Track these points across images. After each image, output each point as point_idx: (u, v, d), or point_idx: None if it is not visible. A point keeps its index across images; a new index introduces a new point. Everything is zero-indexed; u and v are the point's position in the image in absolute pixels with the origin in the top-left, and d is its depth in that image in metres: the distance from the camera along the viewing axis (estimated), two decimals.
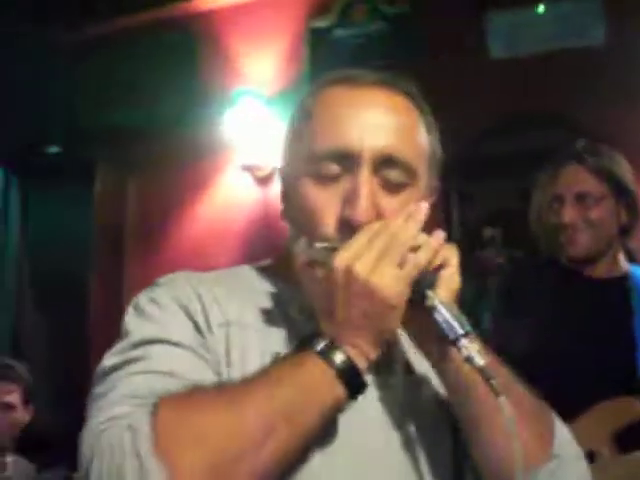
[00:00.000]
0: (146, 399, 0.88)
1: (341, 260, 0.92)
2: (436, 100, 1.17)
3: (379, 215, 1.00)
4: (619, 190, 2.10)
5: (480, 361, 0.89)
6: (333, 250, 0.95)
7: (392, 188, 1.03)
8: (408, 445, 1.04)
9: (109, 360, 0.98)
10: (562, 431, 1.06)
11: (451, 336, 0.91)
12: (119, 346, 1.00)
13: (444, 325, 0.91)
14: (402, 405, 1.06)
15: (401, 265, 0.92)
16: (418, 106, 1.11)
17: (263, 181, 3.56)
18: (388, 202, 1.02)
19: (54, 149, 3.76)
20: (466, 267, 1.01)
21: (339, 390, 0.91)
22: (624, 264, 2.15)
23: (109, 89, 3.77)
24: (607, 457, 1.88)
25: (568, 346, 2.04)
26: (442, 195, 1.22)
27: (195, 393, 0.90)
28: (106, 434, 0.85)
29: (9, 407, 3.00)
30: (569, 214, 2.05)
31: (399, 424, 1.04)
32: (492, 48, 3.24)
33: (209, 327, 1.02)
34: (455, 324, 0.91)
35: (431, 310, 0.93)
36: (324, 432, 0.95)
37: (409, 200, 1.02)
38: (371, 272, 0.90)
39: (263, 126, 3.49)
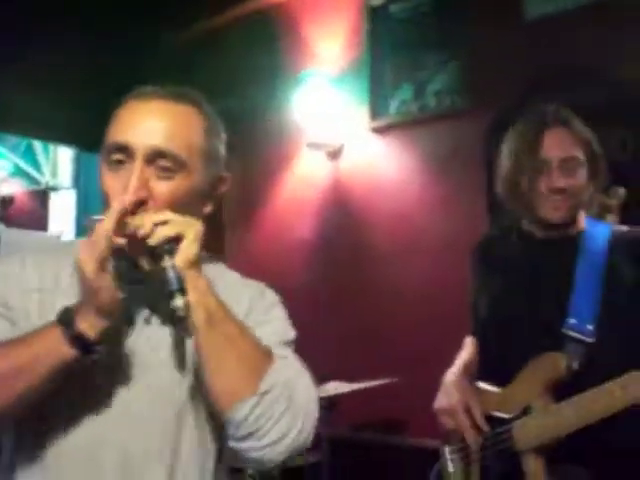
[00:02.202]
0: None
1: (79, 247, 1.20)
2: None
3: (151, 196, 1.27)
4: (592, 156, 2.10)
5: (181, 312, 1.18)
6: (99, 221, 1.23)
7: (164, 175, 1.28)
8: (174, 383, 1.33)
9: None
10: (277, 375, 1.26)
11: (170, 288, 1.18)
12: None
13: (167, 281, 1.19)
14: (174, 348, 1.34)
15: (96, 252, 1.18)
16: (202, 113, 1.38)
17: (332, 156, 3.82)
18: (159, 185, 1.28)
19: None
20: None
21: (66, 352, 1.18)
22: (581, 223, 2.16)
23: (213, 79, 4.11)
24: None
25: (514, 310, 2.14)
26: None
27: None
28: None
29: None
30: (561, 180, 2.02)
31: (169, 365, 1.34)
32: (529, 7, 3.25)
33: (20, 293, 1.33)
34: (174, 281, 1.18)
35: (163, 269, 1.21)
36: (80, 383, 1.25)
37: (180, 185, 1.30)
38: (81, 260, 1.18)
39: (329, 104, 3.74)
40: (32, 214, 6.41)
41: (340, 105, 3.75)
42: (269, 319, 1.43)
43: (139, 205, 1.25)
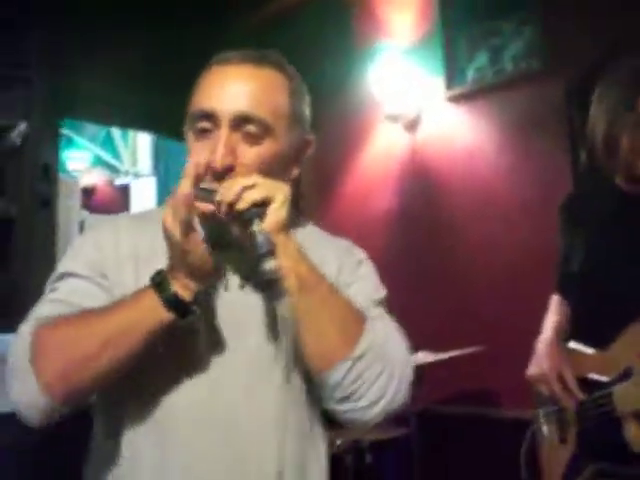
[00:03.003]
0: (42, 320, 1.25)
1: (164, 212, 1.20)
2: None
3: (237, 161, 1.27)
4: None
5: (271, 275, 1.19)
6: (209, 192, 1.24)
7: (250, 140, 1.28)
8: (268, 345, 1.33)
9: (47, 283, 1.37)
10: (371, 337, 1.26)
11: (258, 252, 1.17)
12: (53, 275, 1.36)
13: (257, 245, 1.18)
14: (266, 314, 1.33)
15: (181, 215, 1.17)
16: (286, 75, 1.36)
17: (409, 128, 3.80)
18: (246, 151, 1.28)
19: None
20: None
21: (163, 315, 1.19)
22: None
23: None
24: None
25: (613, 268, 2.09)
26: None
27: (68, 316, 1.25)
28: (15, 343, 1.25)
29: None
30: None
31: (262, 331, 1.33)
32: None
33: (114, 261, 1.34)
34: (263, 244, 1.17)
35: (252, 234, 1.20)
36: (178, 346, 1.26)
37: (267, 150, 1.29)
38: (168, 224, 1.18)
39: (404, 76, 3.72)
40: (114, 203, 6.55)
41: (415, 76, 3.72)
42: (359, 278, 1.42)
43: (227, 172, 1.26)
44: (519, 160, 3.37)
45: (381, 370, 1.25)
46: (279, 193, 1.23)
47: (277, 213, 1.22)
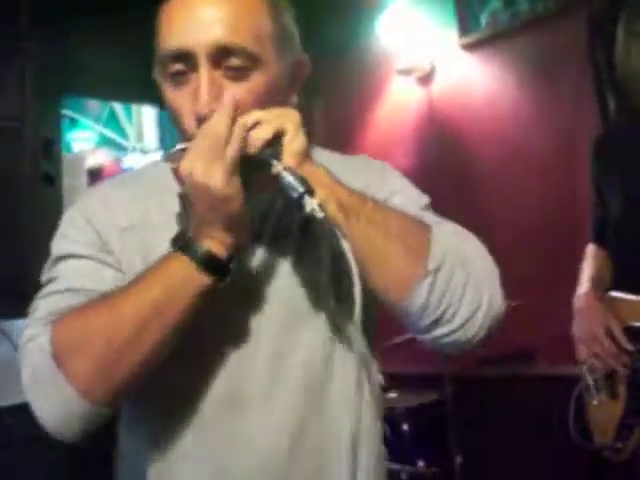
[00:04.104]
0: (50, 318, 1.07)
1: (182, 165, 1.02)
2: None
3: None
4: None
5: (319, 214, 0.99)
6: (185, 150, 1.05)
7: (235, 76, 1.08)
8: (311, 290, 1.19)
9: (42, 275, 1.18)
10: (442, 243, 1.07)
11: (294, 195, 1.00)
12: (46, 265, 1.19)
13: (288, 188, 1.01)
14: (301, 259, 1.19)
15: (221, 156, 1.00)
16: None
17: (423, 80, 3.65)
18: (234, 89, 1.07)
19: None
20: None
21: (202, 279, 1.03)
22: None
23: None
24: None
25: None
26: None
27: (85, 305, 1.06)
28: (27, 352, 1.07)
29: None
30: None
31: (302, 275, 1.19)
32: None
33: (113, 233, 1.17)
34: (296, 184, 1.00)
35: (277, 177, 1.02)
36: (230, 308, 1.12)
37: (258, 83, 1.09)
38: (200, 172, 1.00)
39: (414, 27, 3.56)
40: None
41: (426, 26, 3.56)
42: (395, 189, 1.26)
43: None
44: (542, 107, 3.21)
45: (467, 275, 1.06)
46: (288, 120, 1.06)
47: (294, 143, 1.05)
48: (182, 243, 1.06)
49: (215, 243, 1.04)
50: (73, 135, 6.29)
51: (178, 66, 1.09)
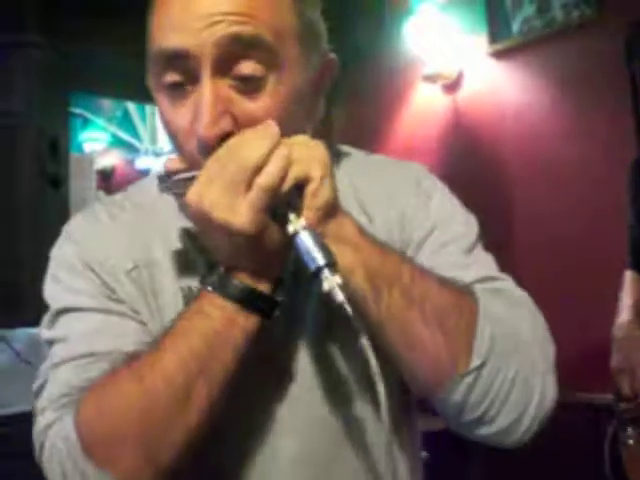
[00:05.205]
0: (71, 396, 0.87)
1: (192, 197, 0.81)
2: None
3: (238, 121, 0.85)
4: None
5: (339, 296, 0.76)
6: (191, 180, 0.83)
7: (250, 87, 0.85)
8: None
9: (43, 333, 0.98)
10: (491, 327, 0.86)
11: (312, 267, 0.78)
12: (45, 318, 0.98)
13: (304, 255, 0.79)
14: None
15: (246, 188, 0.79)
16: None
17: (449, 88, 3.51)
18: (247, 107, 0.85)
19: None
20: None
21: (245, 320, 0.84)
22: None
23: None
24: None
25: None
26: None
27: (110, 374, 0.86)
28: (49, 445, 0.86)
29: None
30: None
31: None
32: None
33: (119, 278, 0.96)
34: (316, 254, 0.78)
35: (293, 237, 0.80)
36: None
37: (277, 95, 0.86)
38: (219, 207, 0.79)
39: (442, 33, 3.42)
40: (134, 182, 6.28)
41: (455, 32, 3.42)
42: (437, 219, 1.01)
43: (223, 140, 0.83)
44: (574, 120, 3.05)
45: (516, 370, 0.86)
46: (314, 164, 0.81)
47: (320, 196, 0.82)
48: (214, 281, 0.85)
49: (250, 276, 0.84)
50: (85, 135, 6.18)
51: (174, 76, 0.86)
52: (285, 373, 0.95)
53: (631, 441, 1.93)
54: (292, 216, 0.81)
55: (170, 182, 0.88)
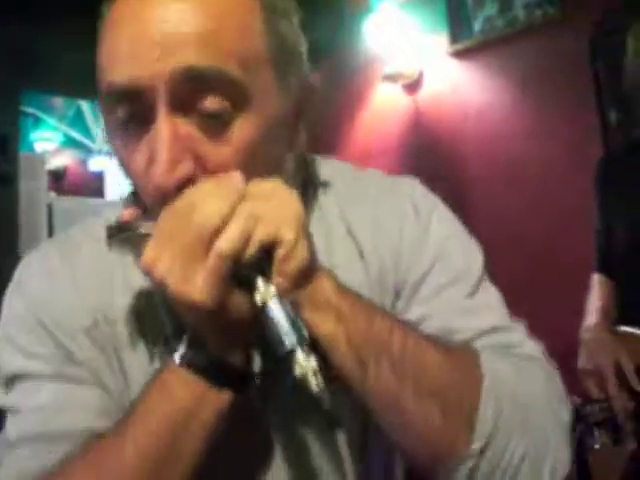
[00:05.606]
0: None
1: (145, 260, 0.70)
2: None
3: (205, 170, 0.73)
4: None
5: (314, 386, 0.65)
6: (143, 236, 0.73)
7: (215, 125, 0.74)
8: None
9: None
10: (496, 399, 0.76)
11: (280, 349, 0.67)
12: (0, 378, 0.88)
13: (273, 332, 0.68)
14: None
15: (204, 256, 0.69)
16: None
17: (409, 88, 3.47)
18: (211, 148, 0.74)
19: None
20: None
21: (216, 397, 0.74)
22: None
23: None
24: None
25: None
26: None
27: (63, 470, 0.77)
28: None
29: None
30: None
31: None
32: None
33: (76, 338, 0.85)
34: (286, 329, 0.67)
35: (262, 307, 0.69)
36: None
37: (246, 135, 0.74)
38: (173, 276, 0.68)
39: (402, 32, 3.37)
40: (87, 186, 6.18)
41: (415, 31, 3.37)
42: (436, 253, 0.91)
43: (184, 187, 0.72)
44: (535, 119, 3.04)
45: (525, 446, 0.75)
46: (285, 225, 0.70)
47: (292, 261, 0.71)
48: (182, 353, 0.75)
49: (222, 350, 0.75)
50: (36, 135, 6.04)
51: (127, 113, 0.74)
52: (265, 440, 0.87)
53: (597, 445, 1.90)
54: (260, 282, 0.69)
55: (120, 237, 0.77)
